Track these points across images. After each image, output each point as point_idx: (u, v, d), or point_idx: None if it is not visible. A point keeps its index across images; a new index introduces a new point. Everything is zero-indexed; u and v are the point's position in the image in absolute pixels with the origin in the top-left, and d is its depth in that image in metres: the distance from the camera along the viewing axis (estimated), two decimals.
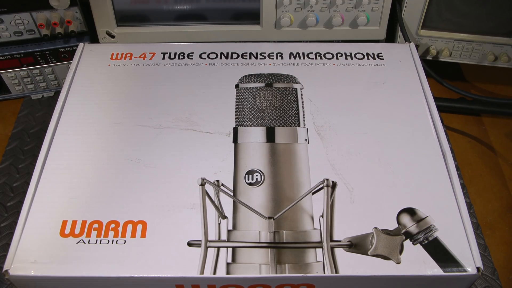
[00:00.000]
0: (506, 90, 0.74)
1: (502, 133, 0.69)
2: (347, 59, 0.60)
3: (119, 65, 0.59)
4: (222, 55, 0.60)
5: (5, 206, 0.59)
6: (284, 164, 0.48)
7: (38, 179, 0.47)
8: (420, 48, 0.69)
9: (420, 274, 0.41)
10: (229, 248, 0.43)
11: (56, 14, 0.62)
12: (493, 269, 0.54)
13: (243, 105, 0.52)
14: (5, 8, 0.60)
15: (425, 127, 0.52)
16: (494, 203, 0.61)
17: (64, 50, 0.66)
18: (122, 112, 0.53)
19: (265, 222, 0.44)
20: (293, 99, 0.52)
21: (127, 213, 0.45)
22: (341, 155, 0.49)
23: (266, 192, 0.46)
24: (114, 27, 0.65)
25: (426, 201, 0.46)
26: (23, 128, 0.67)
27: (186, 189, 0.46)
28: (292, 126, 0.50)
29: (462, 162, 0.65)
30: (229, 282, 0.42)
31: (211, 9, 0.65)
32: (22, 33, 0.63)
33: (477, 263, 0.41)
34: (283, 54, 0.61)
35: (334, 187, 0.47)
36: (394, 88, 0.57)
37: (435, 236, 0.43)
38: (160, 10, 0.65)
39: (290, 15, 0.64)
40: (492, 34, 0.66)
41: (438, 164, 0.49)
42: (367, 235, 0.43)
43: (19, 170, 0.62)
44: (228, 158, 0.49)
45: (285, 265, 0.42)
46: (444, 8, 0.64)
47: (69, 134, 0.51)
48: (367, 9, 0.63)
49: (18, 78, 0.67)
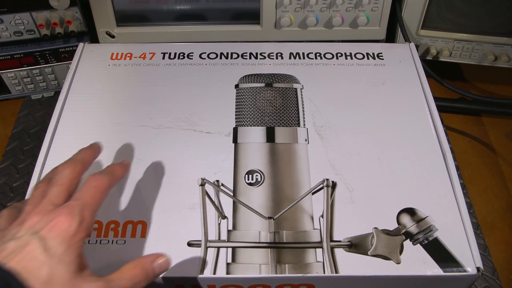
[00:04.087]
0: (506, 90, 0.74)
1: (502, 133, 0.69)
2: (347, 59, 0.60)
3: (119, 65, 0.59)
4: (222, 55, 0.60)
5: (5, 206, 0.59)
6: (284, 164, 0.48)
7: (38, 179, 0.47)
8: (420, 48, 0.69)
9: (420, 274, 0.41)
10: (229, 248, 0.43)
11: (56, 14, 0.62)
12: (493, 269, 0.54)
13: (243, 105, 0.52)
14: (5, 8, 0.60)
15: (425, 127, 0.52)
16: (494, 203, 0.61)
17: (64, 50, 0.66)
18: (122, 112, 0.53)
19: (265, 222, 0.44)
20: (293, 99, 0.52)
21: (127, 213, 0.45)
22: (341, 155, 0.49)
23: (266, 192, 0.46)
24: (114, 27, 0.65)
25: (426, 201, 0.46)
26: (23, 128, 0.67)
27: (186, 189, 0.46)
28: (292, 126, 0.50)
29: (462, 162, 0.65)
30: (229, 282, 0.42)
31: (211, 9, 0.65)
32: (22, 33, 0.63)
33: (477, 263, 0.41)
34: (283, 54, 0.61)
35: (334, 187, 0.47)
36: (394, 88, 0.57)
37: (435, 236, 0.43)
38: (160, 10, 0.65)
39: (290, 15, 0.64)
40: (492, 34, 0.66)
41: (438, 164, 0.49)
42: (367, 235, 0.43)
43: (19, 170, 0.62)
44: (228, 158, 0.49)
45: (285, 265, 0.42)
46: (444, 8, 0.64)
47: (69, 134, 0.51)
48: (367, 9, 0.63)
49: (18, 78, 0.67)
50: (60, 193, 0.36)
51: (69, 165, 0.38)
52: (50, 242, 0.32)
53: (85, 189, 0.36)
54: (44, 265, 0.31)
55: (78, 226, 0.33)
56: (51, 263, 0.32)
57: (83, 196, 0.35)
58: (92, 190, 0.36)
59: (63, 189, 0.36)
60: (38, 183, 0.38)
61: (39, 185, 0.37)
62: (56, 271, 0.32)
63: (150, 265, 0.36)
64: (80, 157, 0.40)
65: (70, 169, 0.38)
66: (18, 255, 0.31)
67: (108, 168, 0.40)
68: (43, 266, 0.31)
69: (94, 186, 0.36)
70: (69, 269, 0.32)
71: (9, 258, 0.31)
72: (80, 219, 0.34)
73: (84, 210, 0.34)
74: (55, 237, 0.32)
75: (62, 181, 0.37)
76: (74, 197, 0.36)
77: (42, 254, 0.31)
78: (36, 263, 0.31)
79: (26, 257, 0.31)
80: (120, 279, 0.34)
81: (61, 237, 0.33)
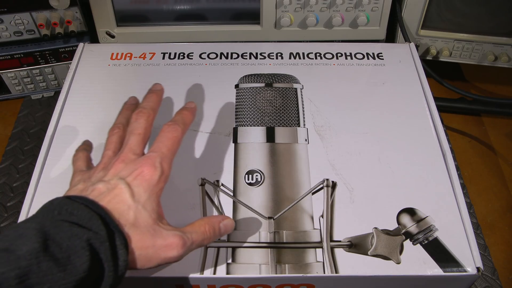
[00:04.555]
0: (506, 90, 0.74)
1: (502, 133, 0.69)
2: (347, 59, 0.60)
3: (119, 65, 0.59)
4: (222, 55, 0.60)
5: (5, 206, 0.59)
6: (284, 164, 0.48)
7: (38, 179, 0.47)
8: (420, 48, 0.69)
9: (420, 274, 0.41)
10: (229, 248, 0.43)
11: (56, 14, 0.62)
12: (493, 269, 0.54)
13: (243, 105, 0.52)
14: (5, 8, 0.60)
15: (425, 127, 0.52)
16: (494, 203, 0.61)
17: (64, 50, 0.66)
18: None
19: (265, 222, 0.44)
20: (293, 99, 0.52)
21: None
22: (341, 155, 0.49)
23: (266, 192, 0.46)
24: (114, 27, 0.65)
25: (426, 201, 0.46)
26: (23, 128, 0.67)
27: (186, 189, 0.46)
28: (292, 126, 0.50)
29: (462, 162, 0.65)
30: (229, 282, 0.42)
31: (211, 9, 0.65)
32: (22, 33, 0.63)
33: (477, 263, 0.41)
34: (283, 54, 0.61)
35: (334, 187, 0.47)
36: (394, 88, 0.57)
37: (435, 236, 0.43)
38: (160, 10, 0.65)
39: (290, 15, 0.64)
40: (492, 34, 0.66)
41: (438, 164, 0.49)
42: (367, 235, 0.43)
43: (19, 170, 0.62)
44: (228, 158, 0.49)
45: (285, 265, 0.42)
46: (444, 8, 0.64)
47: (69, 134, 0.51)
48: (367, 9, 0.63)
49: (18, 78, 0.67)
50: (139, 142, 0.39)
51: (143, 114, 0.41)
52: (135, 189, 0.35)
53: (162, 140, 0.39)
54: (131, 208, 0.35)
55: (159, 177, 0.37)
56: (137, 208, 0.35)
57: (161, 148, 0.38)
58: (169, 142, 0.39)
59: (141, 138, 0.39)
60: (113, 128, 0.42)
61: (115, 131, 0.41)
62: (140, 216, 0.35)
63: (218, 224, 0.39)
64: (150, 105, 0.42)
65: (145, 118, 0.40)
66: (107, 196, 0.35)
67: (179, 116, 0.42)
68: (130, 209, 0.34)
69: (170, 138, 0.39)
70: (151, 215, 0.35)
71: (100, 198, 0.34)
72: (161, 171, 0.37)
73: (163, 161, 0.37)
74: (139, 185, 0.36)
75: (139, 130, 0.40)
76: (152, 148, 0.38)
77: (129, 198, 0.35)
78: (124, 206, 0.34)
79: (115, 199, 0.35)
80: (192, 232, 0.37)
81: (145, 186, 0.36)
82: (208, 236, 0.38)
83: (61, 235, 0.30)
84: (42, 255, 0.29)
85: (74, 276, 0.29)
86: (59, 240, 0.30)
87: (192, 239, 0.37)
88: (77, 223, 0.31)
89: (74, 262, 0.29)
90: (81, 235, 0.31)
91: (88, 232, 0.31)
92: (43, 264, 0.28)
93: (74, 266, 0.29)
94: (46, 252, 0.29)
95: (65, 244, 0.30)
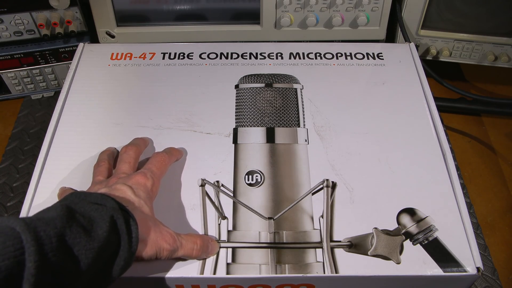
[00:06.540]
0: (506, 90, 0.74)
1: (502, 133, 0.69)
2: (347, 59, 0.60)
3: (119, 65, 0.59)
4: (222, 55, 0.60)
5: (5, 206, 0.59)
6: (284, 164, 0.48)
7: (38, 179, 0.47)
8: (420, 48, 0.69)
9: (420, 274, 0.41)
10: (229, 249, 0.43)
11: (56, 14, 0.62)
12: (493, 269, 0.54)
13: (243, 105, 0.52)
14: (5, 8, 0.60)
15: (425, 127, 0.52)
16: (494, 203, 0.61)
17: (64, 50, 0.66)
18: (122, 112, 0.54)
19: (265, 222, 0.44)
20: (293, 100, 0.52)
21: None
22: (341, 155, 0.49)
23: (266, 193, 0.46)
24: (114, 27, 0.65)
25: (426, 201, 0.46)
26: (23, 128, 0.67)
27: (186, 189, 0.46)
28: (292, 127, 0.50)
29: (462, 162, 0.65)
30: (229, 282, 0.42)
31: (211, 9, 0.65)
32: (22, 33, 0.63)
33: (477, 263, 0.41)
34: (283, 54, 0.61)
35: (334, 188, 0.47)
36: (394, 88, 0.57)
37: (435, 236, 0.43)
38: (160, 10, 0.65)
39: (290, 15, 0.64)
40: (492, 34, 0.66)
41: (438, 164, 0.49)
42: (367, 235, 0.43)
43: (19, 170, 0.62)
44: (228, 158, 0.49)
45: (285, 265, 0.42)
46: (444, 8, 0.64)
47: (69, 134, 0.51)
48: (367, 9, 0.63)
49: (18, 78, 0.67)
50: (129, 169, 0.44)
51: (133, 146, 0.47)
52: (135, 190, 0.40)
53: (152, 162, 0.45)
54: (135, 201, 0.40)
55: (151, 186, 0.42)
56: (139, 201, 0.40)
57: (151, 167, 0.44)
58: (158, 163, 0.45)
59: (131, 166, 0.45)
60: (99, 162, 0.46)
61: (101, 163, 0.46)
62: (142, 207, 0.40)
63: (208, 242, 0.42)
64: (138, 141, 0.48)
65: (134, 151, 0.46)
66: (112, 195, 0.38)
67: (168, 148, 0.48)
68: (134, 201, 0.39)
69: (159, 160, 0.45)
70: (150, 210, 0.41)
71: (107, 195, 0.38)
72: (152, 182, 0.42)
73: (153, 176, 0.43)
74: (138, 188, 0.41)
75: (130, 159, 0.45)
76: (143, 168, 0.44)
77: (132, 194, 0.40)
78: (129, 198, 0.39)
79: (120, 195, 0.39)
80: (184, 238, 0.40)
81: (142, 188, 0.41)
82: (197, 249, 0.40)
83: (84, 209, 0.34)
84: (71, 220, 0.32)
85: (97, 242, 0.32)
86: (83, 211, 0.34)
87: (182, 243, 0.40)
88: (95, 203, 0.35)
89: (96, 230, 0.33)
90: (101, 209, 0.34)
91: (105, 207, 0.35)
92: (73, 228, 0.32)
93: (97, 233, 0.33)
94: (73, 219, 0.32)
95: (87, 215, 0.34)
